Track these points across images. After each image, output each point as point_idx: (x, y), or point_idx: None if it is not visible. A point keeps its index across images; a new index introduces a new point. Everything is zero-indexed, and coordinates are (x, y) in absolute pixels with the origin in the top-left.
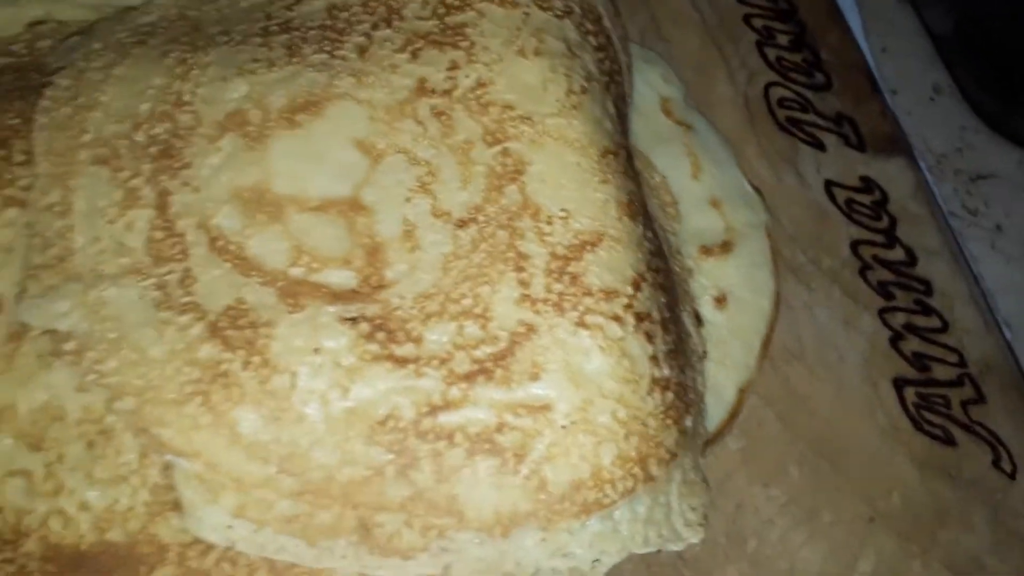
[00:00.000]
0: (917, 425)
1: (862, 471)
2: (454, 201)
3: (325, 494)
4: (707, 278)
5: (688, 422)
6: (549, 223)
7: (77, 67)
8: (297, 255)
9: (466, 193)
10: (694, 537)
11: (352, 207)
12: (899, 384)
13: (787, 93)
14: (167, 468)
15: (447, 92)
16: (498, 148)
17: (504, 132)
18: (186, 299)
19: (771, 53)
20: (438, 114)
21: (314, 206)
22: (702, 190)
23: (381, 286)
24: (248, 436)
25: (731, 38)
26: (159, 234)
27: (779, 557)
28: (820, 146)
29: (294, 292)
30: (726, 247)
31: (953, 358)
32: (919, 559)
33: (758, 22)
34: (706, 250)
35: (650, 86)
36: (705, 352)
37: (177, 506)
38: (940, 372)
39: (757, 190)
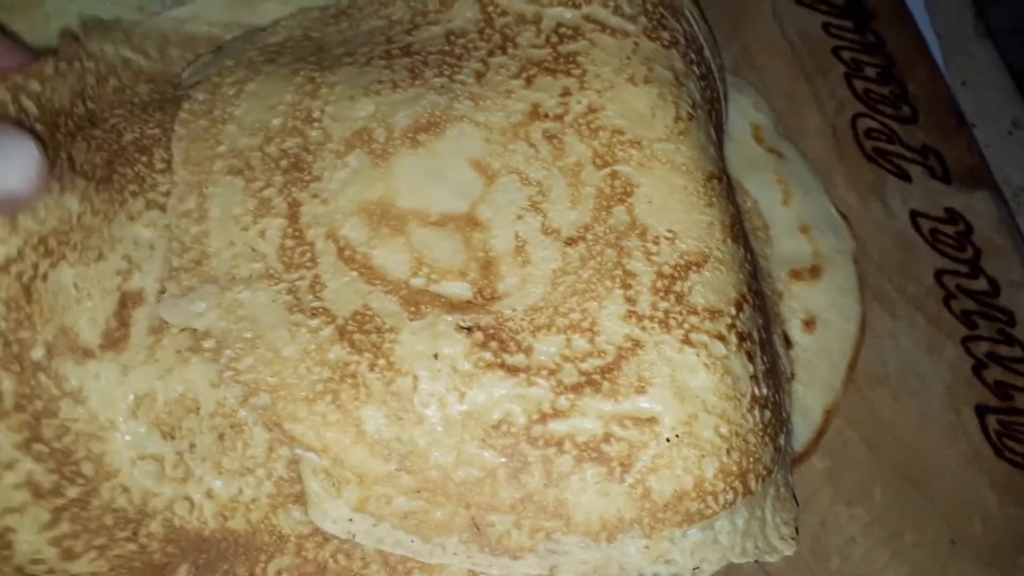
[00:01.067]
0: (999, 452)
1: (944, 495)
2: (564, 220)
3: (441, 493)
4: (796, 301)
5: (781, 440)
6: (656, 243)
7: (212, 82)
8: (418, 266)
9: (575, 212)
10: (788, 550)
11: (468, 223)
12: (981, 411)
13: (874, 124)
14: (294, 462)
15: (559, 117)
16: (607, 170)
17: (613, 155)
18: (316, 304)
19: (859, 85)
20: (550, 137)
21: (434, 220)
22: (792, 216)
23: (494, 298)
24: (372, 434)
25: (820, 69)
26: (290, 242)
27: None
28: (906, 177)
29: (415, 301)
30: (815, 272)
31: None
32: None
33: (847, 54)
34: (795, 274)
35: (742, 114)
36: (793, 374)
37: (300, 499)
38: (1022, 401)
39: (844, 218)
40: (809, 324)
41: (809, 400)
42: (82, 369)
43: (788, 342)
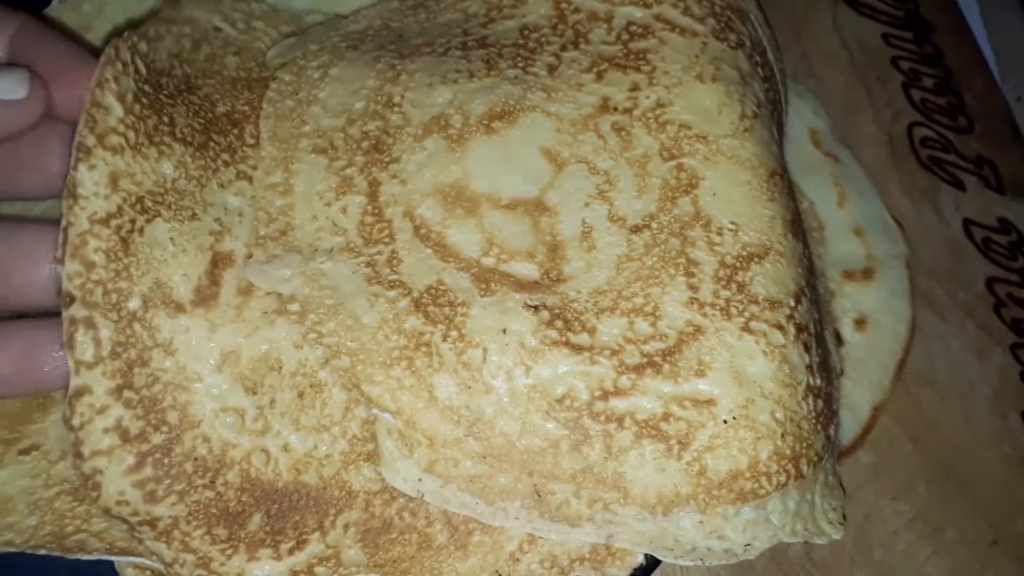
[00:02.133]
0: None
1: (987, 496)
2: (629, 208)
3: (505, 459)
4: (849, 301)
5: (832, 430)
6: (719, 234)
7: (298, 64)
8: (488, 246)
9: (641, 202)
10: (836, 534)
11: (537, 207)
12: None
13: (930, 133)
14: (368, 422)
15: (628, 110)
16: (673, 163)
17: (680, 149)
18: (393, 277)
19: (916, 95)
20: (618, 130)
21: (505, 204)
22: (847, 218)
23: (560, 279)
24: (443, 400)
25: (878, 78)
26: (370, 219)
27: (903, 569)
28: (960, 186)
29: (486, 278)
30: (867, 273)
31: None
32: None
33: (905, 64)
34: (848, 275)
35: (800, 118)
36: (842, 370)
37: (372, 457)
38: None
39: (898, 223)
40: (860, 323)
41: (858, 396)
42: (174, 322)
43: (839, 339)
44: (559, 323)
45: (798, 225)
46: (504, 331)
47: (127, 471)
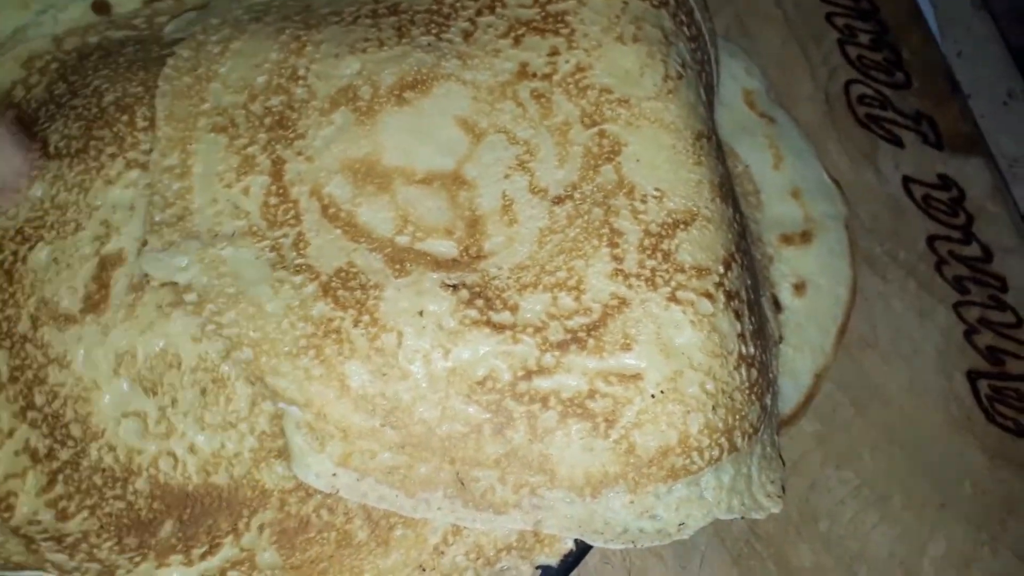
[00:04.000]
0: (990, 417)
1: (934, 459)
2: (551, 179)
3: (425, 447)
4: (787, 265)
5: (768, 400)
6: (643, 201)
7: (197, 39)
8: (403, 224)
9: (563, 171)
10: (774, 507)
11: (455, 181)
12: (972, 376)
13: (867, 90)
14: (277, 417)
15: (547, 76)
16: (595, 129)
17: (601, 114)
18: (300, 260)
19: (852, 51)
20: (538, 96)
21: (419, 179)
22: (783, 180)
23: (480, 256)
24: (356, 389)
25: (813, 36)
26: (274, 200)
27: (850, 537)
28: (899, 143)
29: (400, 258)
30: (805, 236)
31: None
32: (988, 546)
33: (840, 20)
34: (786, 238)
35: (734, 79)
36: (781, 337)
37: (283, 454)
38: (1013, 366)
39: (836, 183)
40: (799, 288)
41: (799, 363)
42: (64, 335)
43: (778, 306)
44: (479, 302)
45: (727, 189)
46: (420, 313)
47: (40, 490)
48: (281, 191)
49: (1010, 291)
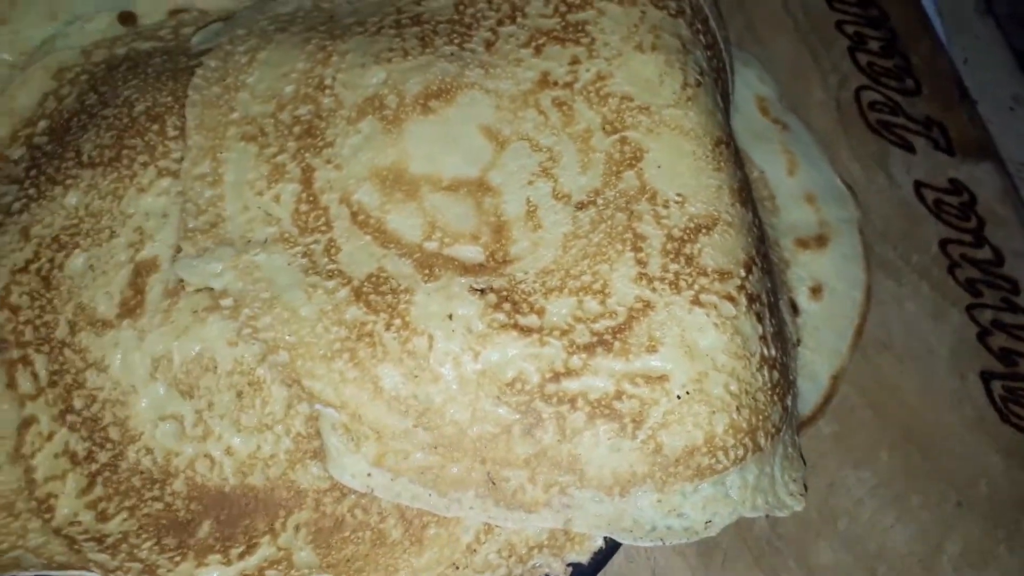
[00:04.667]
0: (1004, 417)
1: (950, 459)
2: (574, 185)
3: (457, 448)
4: (803, 269)
5: (789, 400)
6: (666, 207)
7: (224, 50)
8: (431, 230)
9: (585, 178)
10: (797, 505)
11: (480, 188)
12: (986, 377)
13: (878, 97)
14: (312, 418)
15: (568, 84)
16: (616, 136)
17: (623, 121)
18: (331, 266)
19: (863, 58)
20: (559, 104)
21: (446, 185)
22: (797, 186)
23: (506, 261)
24: (390, 391)
25: (824, 43)
26: (304, 207)
27: (868, 536)
28: (910, 148)
29: (429, 264)
30: (821, 240)
31: None
32: (1004, 544)
33: (850, 28)
34: (802, 243)
35: (747, 86)
36: (799, 340)
37: (319, 454)
38: None
39: (849, 188)
40: (816, 292)
41: (816, 365)
42: (101, 340)
43: (795, 309)
44: (507, 305)
45: (746, 194)
46: (450, 316)
47: (79, 492)
48: (311, 198)
49: (1022, 294)
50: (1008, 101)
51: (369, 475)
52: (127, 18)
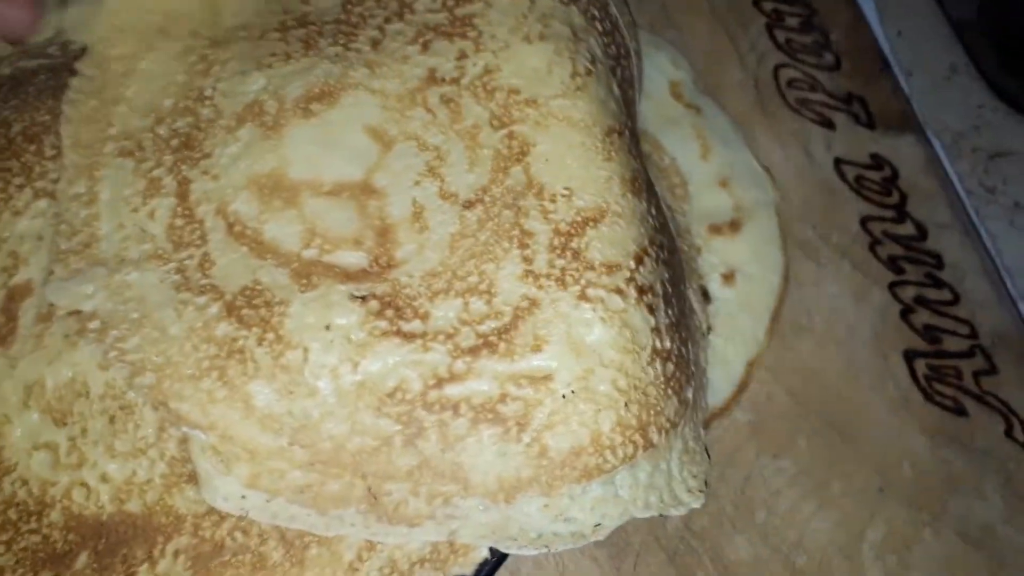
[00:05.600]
0: (928, 396)
1: (872, 442)
2: (461, 183)
3: (335, 464)
4: (716, 256)
5: (689, 393)
6: (552, 201)
7: (99, 54)
8: (310, 237)
9: (473, 175)
10: (695, 502)
11: (364, 190)
12: (910, 356)
13: (796, 74)
14: (183, 441)
15: (455, 80)
16: (504, 131)
17: (510, 116)
18: (204, 281)
19: (780, 35)
20: (447, 101)
21: (327, 190)
22: (711, 170)
23: (391, 265)
24: (262, 409)
25: (741, 22)
26: (180, 221)
27: (788, 527)
28: (830, 125)
29: (307, 272)
30: (735, 225)
31: (964, 330)
32: (930, 527)
33: (767, 5)
34: (715, 228)
35: (659, 71)
36: (710, 328)
37: (193, 478)
38: (951, 344)
39: (767, 169)
40: (729, 277)
41: (731, 353)
42: None
43: (707, 297)
44: (389, 312)
45: (640, 183)
46: (327, 327)
47: None
48: (187, 212)
49: (946, 268)
50: (944, 71)
51: (243, 497)
52: None
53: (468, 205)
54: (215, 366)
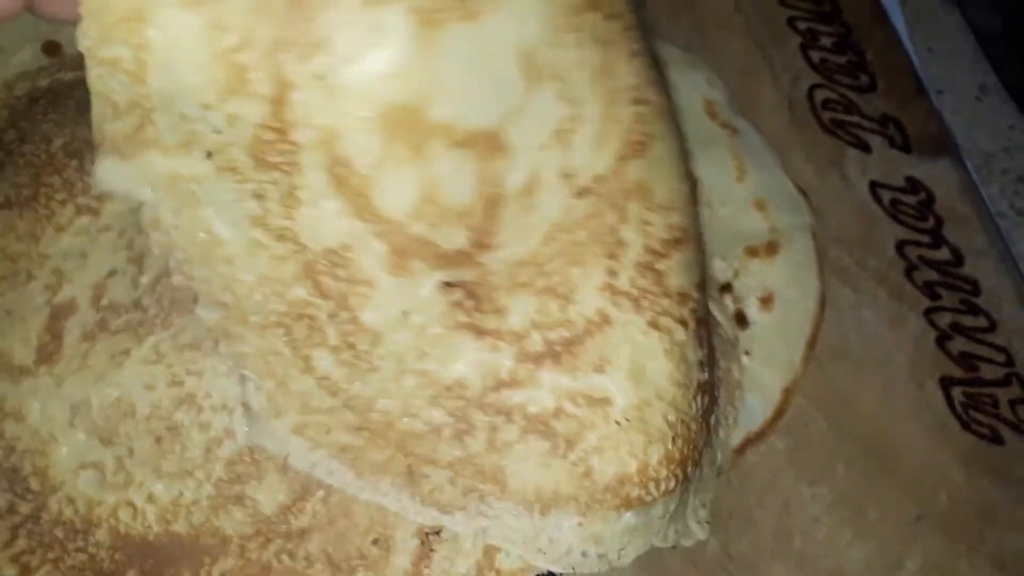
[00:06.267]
0: (964, 425)
1: (909, 470)
2: (582, 163)
3: (382, 436)
4: (753, 279)
5: (712, 420)
6: (654, 212)
7: None
8: (425, 206)
9: (596, 157)
10: (702, 534)
11: (491, 145)
12: (946, 384)
13: (832, 95)
14: (232, 463)
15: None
16: (639, 109)
17: (644, 93)
18: (285, 223)
19: (815, 55)
20: (602, 43)
21: (459, 139)
22: (747, 192)
23: (486, 246)
24: (321, 370)
25: (775, 41)
26: (269, 134)
27: (825, 555)
28: (865, 148)
29: (405, 251)
30: (771, 248)
31: (1001, 358)
32: (966, 558)
33: (802, 25)
34: (751, 251)
35: (695, 89)
36: (748, 351)
37: (240, 500)
38: (987, 372)
39: (802, 192)
40: (766, 301)
41: (767, 379)
42: (18, 388)
43: (744, 321)
44: (469, 303)
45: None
46: (405, 313)
47: (3, 546)
48: (279, 126)
49: (982, 294)
50: (974, 91)
51: (287, 441)
52: (52, 48)
53: (580, 193)
54: (282, 323)
